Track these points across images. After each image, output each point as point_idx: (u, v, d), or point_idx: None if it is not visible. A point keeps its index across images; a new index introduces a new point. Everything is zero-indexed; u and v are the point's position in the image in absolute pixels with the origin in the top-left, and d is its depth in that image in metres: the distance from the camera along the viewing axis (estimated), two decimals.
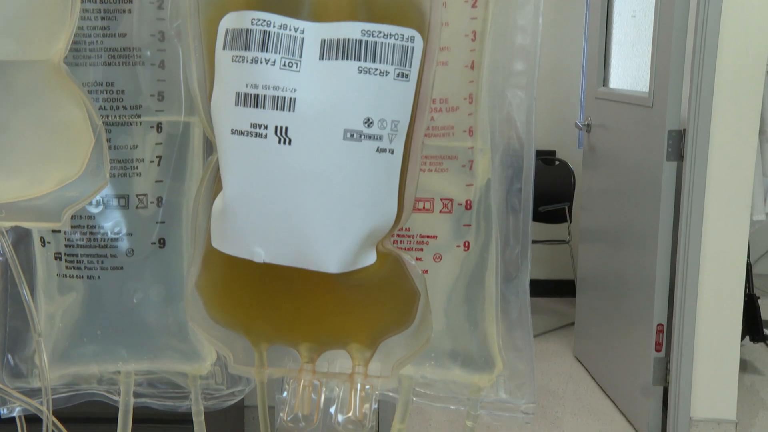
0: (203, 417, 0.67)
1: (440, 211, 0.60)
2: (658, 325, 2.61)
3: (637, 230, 2.80)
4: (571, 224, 3.72)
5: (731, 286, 2.50)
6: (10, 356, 0.64)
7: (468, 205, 0.60)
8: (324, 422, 0.51)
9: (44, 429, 0.58)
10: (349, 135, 0.47)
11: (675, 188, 2.58)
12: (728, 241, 2.47)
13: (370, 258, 0.49)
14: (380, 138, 0.47)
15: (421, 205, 0.60)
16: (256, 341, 0.52)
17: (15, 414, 0.66)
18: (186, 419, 2.20)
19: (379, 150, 0.48)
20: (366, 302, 0.50)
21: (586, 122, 3.21)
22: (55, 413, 0.62)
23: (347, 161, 0.47)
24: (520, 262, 0.62)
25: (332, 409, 0.52)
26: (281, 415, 0.51)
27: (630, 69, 2.94)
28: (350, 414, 0.50)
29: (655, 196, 2.62)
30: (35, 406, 0.58)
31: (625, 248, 2.93)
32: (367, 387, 0.50)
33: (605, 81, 3.10)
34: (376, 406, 0.51)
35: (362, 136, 0.47)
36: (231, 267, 0.51)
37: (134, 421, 0.68)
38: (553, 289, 3.88)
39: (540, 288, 4.14)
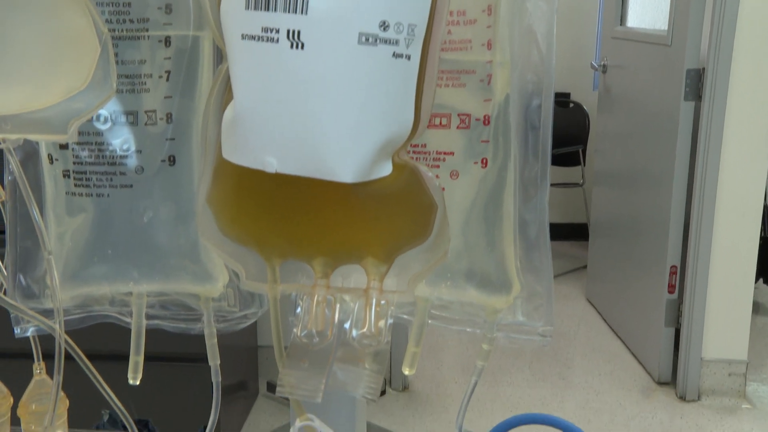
0: (216, 340, 0.66)
1: (457, 127, 0.58)
2: (671, 267, 2.60)
3: (652, 173, 2.77)
4: (585, 167, 3.69)
5: (747, 228, 2.48)
6: (21, 276, 0.63)
7: (486, 121, 0.58)
8: (338, 338, 0.50)
9: (56, 346, 0.57)
10: (364, 39, 0.45)
11: (692, 129, 2.54)
12: (745, 182, 2.44)
13: (386, 169, 0.48)
14: (396, 42, 0.45)
15: (437, 121, 0.59)
16: (269, 256, 0.51)
17: (28, 334, 0.65)
18: (198, 357, 2.21)
19: (396, 55, 0.46)
20: (381, 215, 0.49)
21: (602, 63, 3.15)
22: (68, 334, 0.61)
23: (362, 66, 0.45)
24: (539, 181, 0.60)
25: (347, 325, 0.51)
26: (294, 330, 0.50)
27: (649, 6, 2.87)
28: (365, 329, 0.49)
29: (671, 137, 2.58)
30: (47, 324, 0.57)
31: (639, 191, 2.90)
32: (383, 302, 0.49)
33: (623, 20, 3.03)
34: (391, 321, 0.50)
35: (378, 40, 0.45)
36: (243, 179, 0.49)
37: (148, 358, 0.68)
38: (566, 232, 3.86)
39: (553, 231, 4.11)
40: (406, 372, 0.66)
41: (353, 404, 0.71)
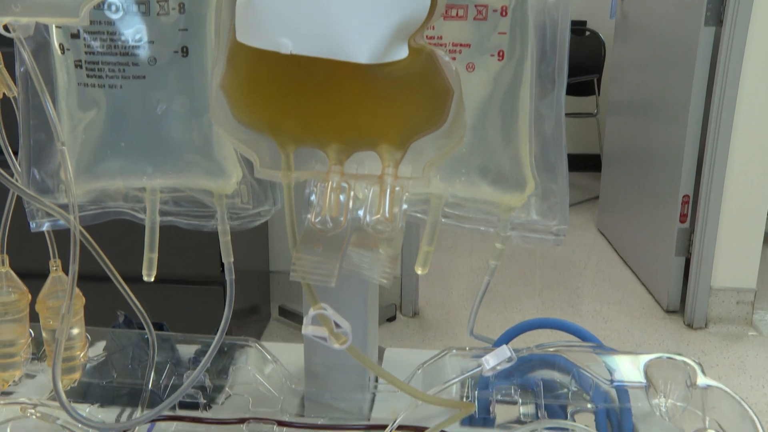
0: (229, 237, 0.66)
1: (474, 18, 0.57)
2: (684, 196, 2.59)
3: (668, 102, 2.73)
4: (599, 97, 3.65)
5: (762, 157, 2.46)
6: (35, 171, 0.63)
7: (503, 12, 0.57)
8: (352, 224, 0.50)
9: (71, 237, 0.58)
10: None
11: (711, 56, 2.49)
12: (762, 111, 2.41)
13: (402, 51, 0.47)
14: None
15: (454, 12, 0.57)
16: (283, 143, 0.51)
17: (44, 229, 0.66)
18: (210, 280, 2.23)
19: None
20: (397, 99, 0.48)
21: None
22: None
23: None
24: (556, 76, 0.59)
25: (360, 212, 0.51)
26: (308, 217, 0.50)
27: None
28: (379, 215, 0.48)
29: (689, 65, 2.53)
30: (62, 214, 0.57)
31: (654, 120, 2.87)
32: (397, 188, 0.49)
33: None
34: (405, 206, 0.49)
35: None
36: (257, 63, 0.49)
37: (160, 281, 0.68)
38: (578, 163, 3.84)
39: None
40: (419, 271, 0.66)
41: (365, 297, 0.72)
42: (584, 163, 3.88)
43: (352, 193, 0.51)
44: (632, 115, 3.08)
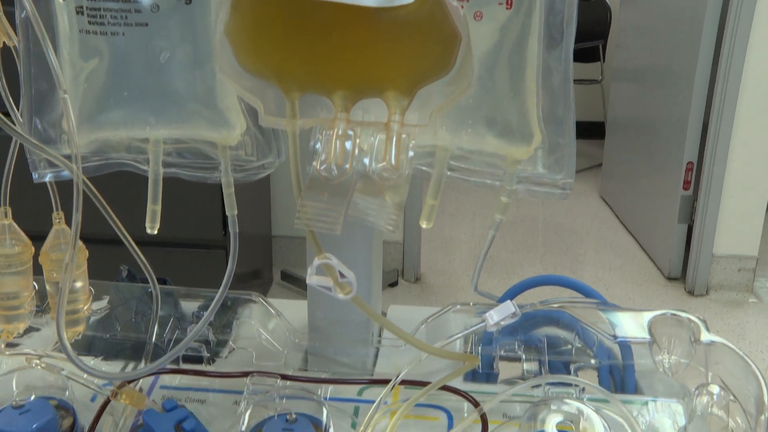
0: (233, 190, 0.66)
1: None
2: (687, 163, 2.58)
3: (674, 68, 2.71)
4: (605, 63, 3.62)
5: (767, 125, 2.44)
6: (37, 120, 0.63)
7: None
8: (358, 172, 0.50)
9: (74, 187, 0.57)
10: None
11: (718, 22, 2.46)
12: None
13: None
14: None
15: None
16: (288, 89, 0.50)
17: (46, 180, 0.66)
18: (212, 244, 2.22)
19: None
20: (404, 45, 0.47)
21: None
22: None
23: None
24: (564, 27, 0.58)
25: (366, 160, 0.50)
26: (314, 164, 0.50)
27: None
28: (385, 162, 0.48)
29: (696, 30, 2.51)
30: (65, 162, 0.57)
31: (659, 87, 2.84)
32: (404, 135, 0.49)
33: None
34: (412, 154, 0.49)
35: None
36: (262, 8, 0.48)
37: (162, 244, 0.67)
38: (582, 130, 3.82)
39: None
40: (423, 225, 0.66)
41: (369, 251, 0.72)
42: (588, 131, 3.86)
43: (357, 141, 0.50)
44: (637, 82, 3.06)
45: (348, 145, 0.49)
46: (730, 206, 2.50)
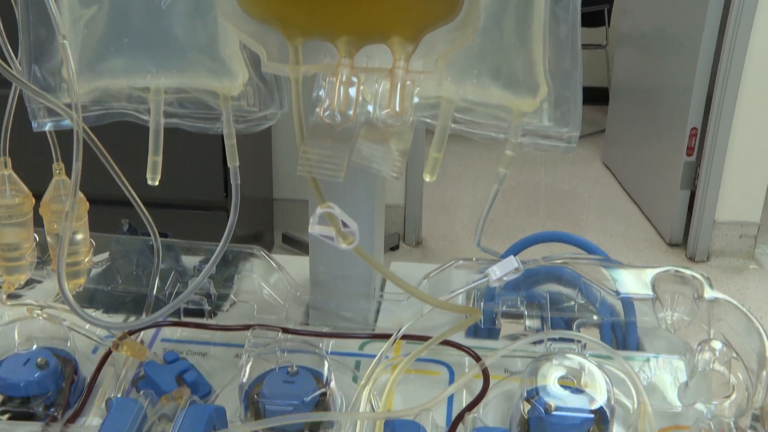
0: (235, 141, 0.65)
1: None
2: (691, 129, 2.56)
3: (680, 33, 2.68)
4: (609, 28, 3.58)
5: None
6: (36, 68, 0.62)
7: None
8: (361, 118, 0.49)
9: (74, 135, 0.57)
10: None
11: None
12: None
13: None
14: None
15: None
16: (291, 34, 0.49)
17: (46, 129, 0.65)
18: (214, 206, 2.21)
19: None
20: None
21: None
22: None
23: None
24: None
25: (370, 107, 0.49)
26: (317, 110, 0.49)
27: None
28: (390, 109, 0.47)
29: None
30: (64, 109, 0.56)
31: (664, 52, 2.82)
32: (408, 82, 0.48)
33: None
34: (417, 100, 0.48)
35: None
36: None
37: (162, 205, 0.67)
38: (585, 96, 3.79)
39: None
40: (427, 178, 0.65)
41: (372, 202, 0.71)
42: (591, 96, 3.83)
43: (361, 88, 0.49)
44: (642, 47, 3.03)
45: (352, 91, 0.48)
46: (733, 172, 2.49)
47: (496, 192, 0.67)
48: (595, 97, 3.80)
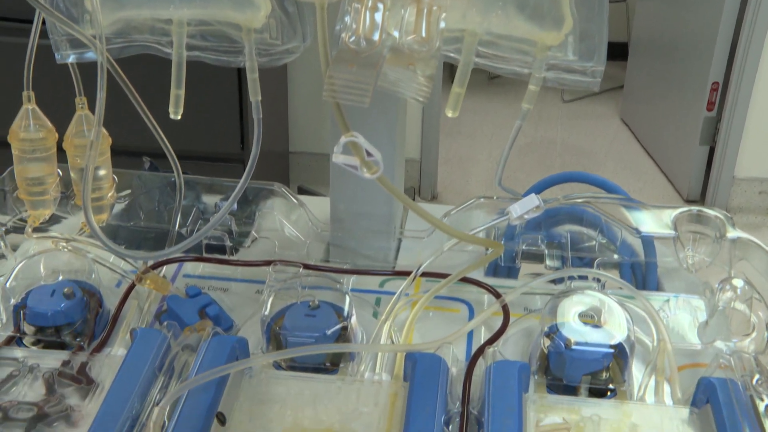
0: (257, 75, 0.65)
1: None
2: (713, 83, 2.52)
3: None
4: None
5: None
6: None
7: None
8: (387, 45, 0.49)
9: (98, 67, 0.57)
10: None
11: None
12: None
13: None
14: None
15: None
16: None
17: (69, 60, 0.65)
18: (230, 158, 2.21)
19: None
20: None
21: None
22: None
23: None
24: None
25: (396, 32, 0.49)
26: (342, 36, 0.48)
27: None
28: (416, 35, 0.47)
29: None
30: (88, 38, 0.56)
31: (687, 4, 2.77)
32: (435, 7, 0.47)
33: None
34: (443, 25, 0.48)
35: None
36: None
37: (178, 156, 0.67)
38: None
39: None
40: (449, 114, 0.64)
41: (393, 133, 0.71)
42: (610, 51, 3.77)
43: (387, 14, 0.49)
44: (664, 0, 2.97)
45: (377, 17, 0.48)
46: (754, 128, 2.46)
47: (519, 127, 0.67)
48: (614, 52, 3.73)
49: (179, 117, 0.66)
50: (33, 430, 0.57)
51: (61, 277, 0.68)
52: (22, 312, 0.66)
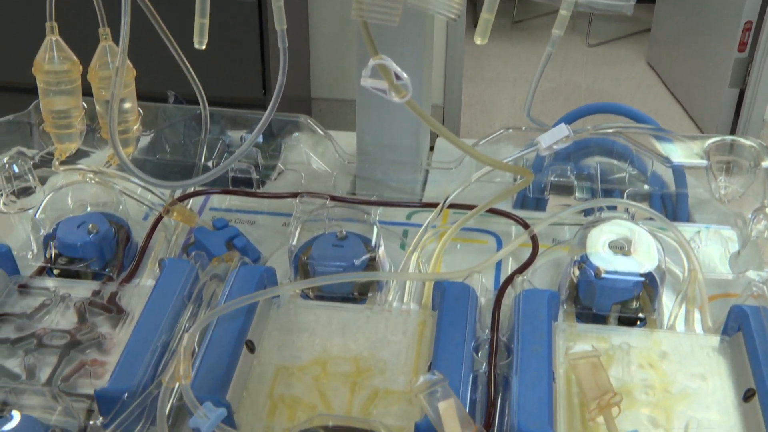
0: (282, 2, 0.63)
1: None
2: (746, 23, 2.46)
3: None
4: None
5: None
6: None
7: None
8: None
9: None
10: None
11: None
12: None
13: None
14: None
15: None
16: None
17: None
18: (254, 103, 2.20)
19: None
20: None
21: None
22: None
23: None
24: None
25: None
26: None
27: None
28: None
29: None
30: None
31: None
32: None
33: None
34: None
35: None
36: None
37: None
38: None
39: None
40: (478, 41, 0.63)
41: (421, 54, 0.69)
42: None
43: None
44: None
45: None
46: None
47: (549, 55, 0.65)
48: None
49: (203, 47, 0.65)
50: (67, 356, 0.58)
51: (89, 209, 0.69)
52: (52, 243, 0.66)
